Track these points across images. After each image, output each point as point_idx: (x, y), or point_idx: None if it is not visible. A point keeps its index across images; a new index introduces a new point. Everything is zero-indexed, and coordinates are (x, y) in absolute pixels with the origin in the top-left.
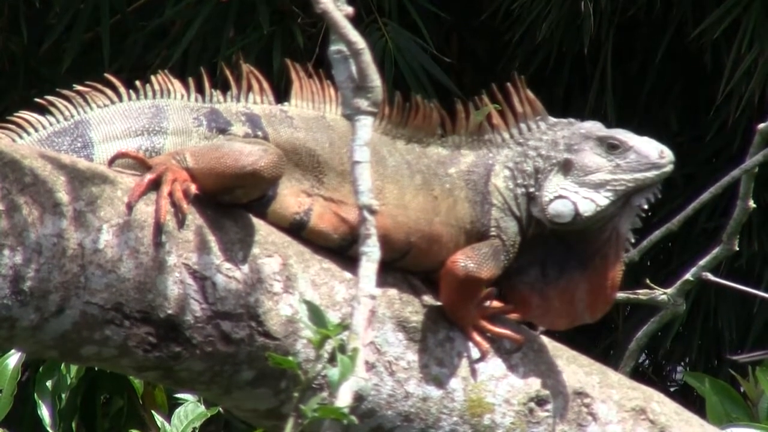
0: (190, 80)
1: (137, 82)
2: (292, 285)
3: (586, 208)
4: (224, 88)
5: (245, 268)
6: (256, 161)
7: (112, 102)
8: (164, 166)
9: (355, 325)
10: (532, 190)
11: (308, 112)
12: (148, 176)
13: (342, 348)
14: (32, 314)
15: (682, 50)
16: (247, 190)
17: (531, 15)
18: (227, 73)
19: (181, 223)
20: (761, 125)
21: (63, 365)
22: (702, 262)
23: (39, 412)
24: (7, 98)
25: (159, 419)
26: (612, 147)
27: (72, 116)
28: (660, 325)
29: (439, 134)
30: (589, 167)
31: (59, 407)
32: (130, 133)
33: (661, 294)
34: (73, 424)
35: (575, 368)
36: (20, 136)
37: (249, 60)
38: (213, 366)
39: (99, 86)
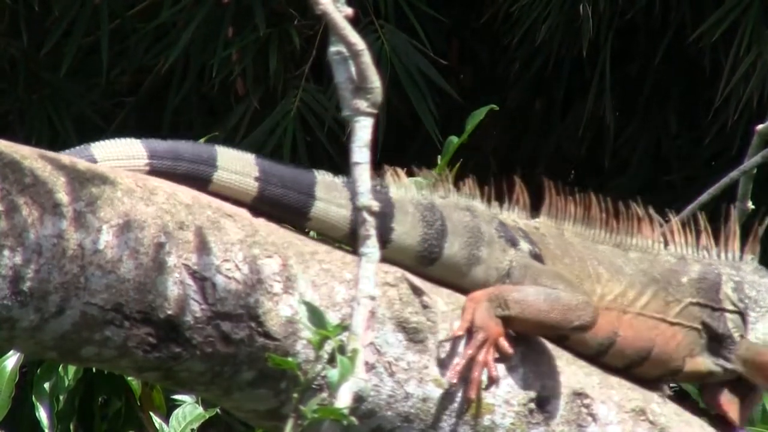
0: (461, 179)
1: (444, 178)
2: (292, 286)
3: None
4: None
5: (245, 268)
6: (582, 316)
7: (446, 195)
8: (483, 331)
9: (355, 326)
10: (750, 312)
11: (553, 230)
12: (469, 351)
13: (341, 349)
14: (32, 315)
15: (681, 53)
16: (561, 335)
17: (530, 18)
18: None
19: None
20: (760, 126)
21: (61, 367)
22: None
23: (37, 414)
24: (7, 102)
25: (157, 421)
26: None
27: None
28: None
29: (663, 243)
30: None
31: (57, 409)
32: (462, 230)
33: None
34: (71, 426)
35: (575, 369)
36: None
37: (246, 61)
38: (213, 366)
39: (441, 177)
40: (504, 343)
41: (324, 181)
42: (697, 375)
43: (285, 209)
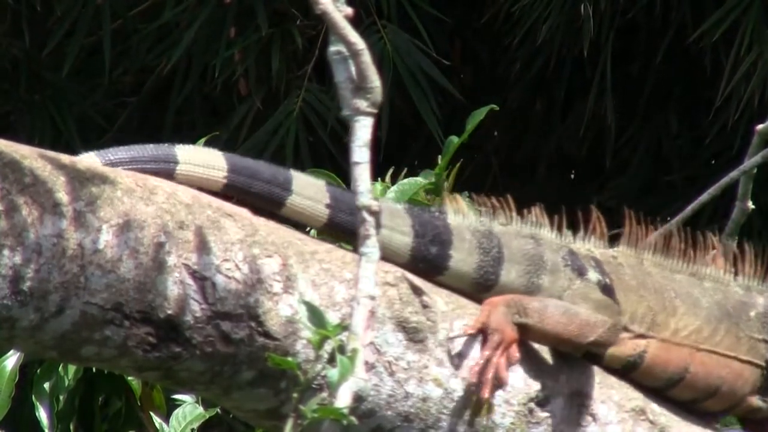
0: (537, 210)
1: (507, 206)
2: (292, 285)
3: None
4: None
5: (245, 268)
6: (597, 332)
7: (507, 223)
8: (499, 333)
9: (355, 326)
10: None
11: (631, 260)
12: (486, 352)
13: (341, 348)
14: (32, 314)
15: (682, 52)
16: (576, 352)
17: (531, 18)
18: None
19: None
20: (760, 126)
21: (61, 367)
22: None
23: (37, 414)
24: (9, 102)
25: (157, 420)
26: None
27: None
28: None
29: (732, 273)
30: None
31: (57, 409)
32: (521, 258)
33: None
34: (71, 426)
35: (575, 368)
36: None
37: (248, 61)
38: (213, 366)
39: (497, 202)
40: (515, 349)
41: (388, 208)
42: (749, 410)
43: (351, 235)
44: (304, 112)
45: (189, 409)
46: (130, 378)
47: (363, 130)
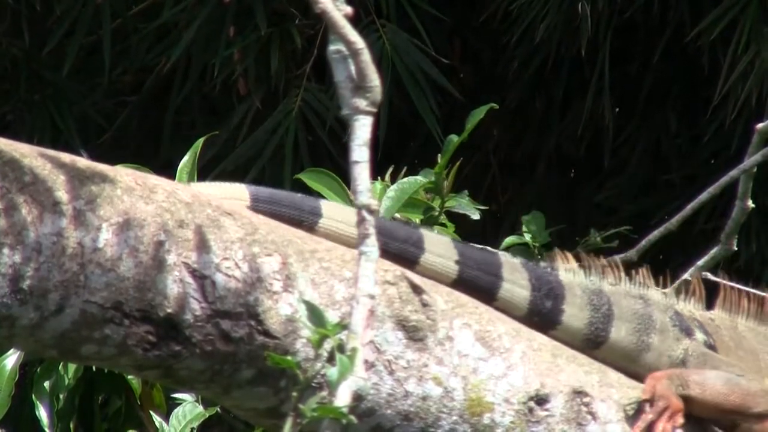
0: (642, 270)
1: (615, 267)
2: (292, 284)
3: None
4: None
5: (245, 267)
6: (762, 404)
7: (617, 282)
8: (665, 400)
9: (354, 325)
10: None
11: (727, 322)
12: (650, 416)
13: (341, 347)
14: (32, 313)
15: (680, 51)
16: (737, 422)
17: (529, 17)
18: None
19: None
20: (760, 125)
21: (61, 366)
22: (700, 263)
23: (37, 413)
24: (9, 102)
25: (157, 419)
26: None
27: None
28: None
29: None
30: None
31: (57, 408)
32: (631, 317)
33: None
34: (71, 425)
35: (575, 367)
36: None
37: (247, 61)
38: (213, 365)
39: (608, 263)
40: (680, 416)
41: (508, 262)
42: None
43: (477, 290)
44: (303, 112)
45: (189, 408)
46: (130, 377)
47: (362, 129)
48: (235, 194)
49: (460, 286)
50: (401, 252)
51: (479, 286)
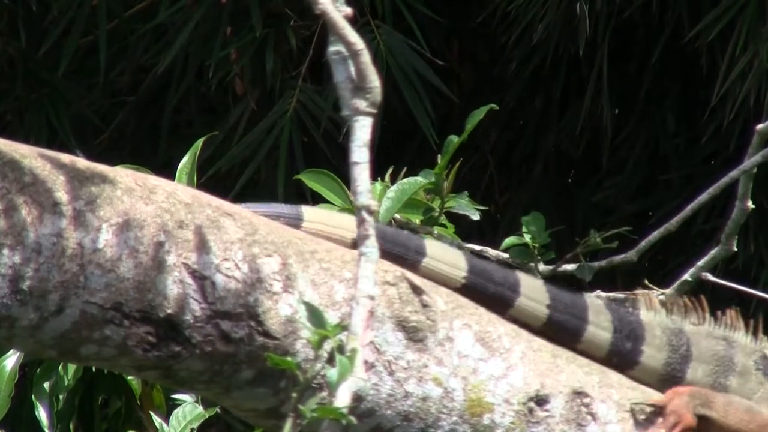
0: (731, 313)
1: (698, 307)
2: (292, 284)
3: None
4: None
5: (245, 267)
6: None
7: (699, 323)
8: (676, 416)
9: (354, 326)
10: None
11: None
12: (661, 429)
13: (341, 348)
14: (32, 314)
15: (679, 52)
16: None
17: (527, 17)
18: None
19: None
20: (760, 126)
21: (60, 366)
22: (700, 263)
23: (36, 414)
24: (5, 102)
25: (157, 420)
26: None
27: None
28: None
29: None
30: None
31: (57, 408)
32: (709, 358)
33: (659, 294)
34: (71, 426)
35: (575, 368)
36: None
37: (243, 61)
38: (212, 365)
39: (689, 302)
40: None
41: (594, 304)
42: None
43: (564, 333)
44: (298, 113)
45: (189, 408)
46: (129, 377)
47: (362, 130)
48: (346, 226)
49: (548, 328)
50: (498, 295)
51: (566, 328)
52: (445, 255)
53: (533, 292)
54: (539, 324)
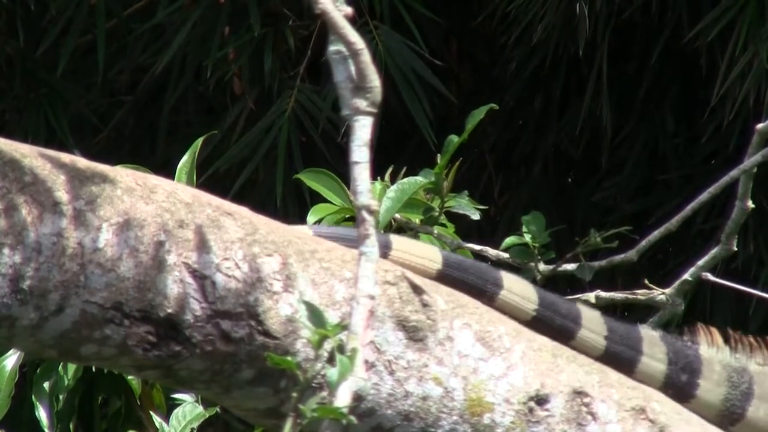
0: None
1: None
2: (292, 284)
3: None
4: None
5: (245, 267)
6: None
7: (766, 363)
8: None
9: (354, 325)
10: None
11: None
12: None
13: (341, 348)
14: (32, 313)
15: (678, 52)
16: None
17: (527, 17)
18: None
19: None
20: (760, 125)
21: (60, 366)
22: (700, 263)
23: (36, 414)
24: (3, 101)
25: (157, 420)
26: None
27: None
28: (658, 326)
29: None
30: None
31: (57, 408)
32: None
33: (659, 294)
34: (71, 425)
35: (575, 367)
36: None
37: (241, 61)
38: (213, 365)
39: (755, 341)
40: None
41: (648, 335)
42: None
43: (619, 363)
44: (296, 112)
45: (189, 408)
46: (129, 377)
47: (362, 130)
48: (429, 257)
49: (604, 359)
50: (562, 327)
51: (621, 359)
52: (518, 287)
53: (592, 323)
54: (597, 355)
